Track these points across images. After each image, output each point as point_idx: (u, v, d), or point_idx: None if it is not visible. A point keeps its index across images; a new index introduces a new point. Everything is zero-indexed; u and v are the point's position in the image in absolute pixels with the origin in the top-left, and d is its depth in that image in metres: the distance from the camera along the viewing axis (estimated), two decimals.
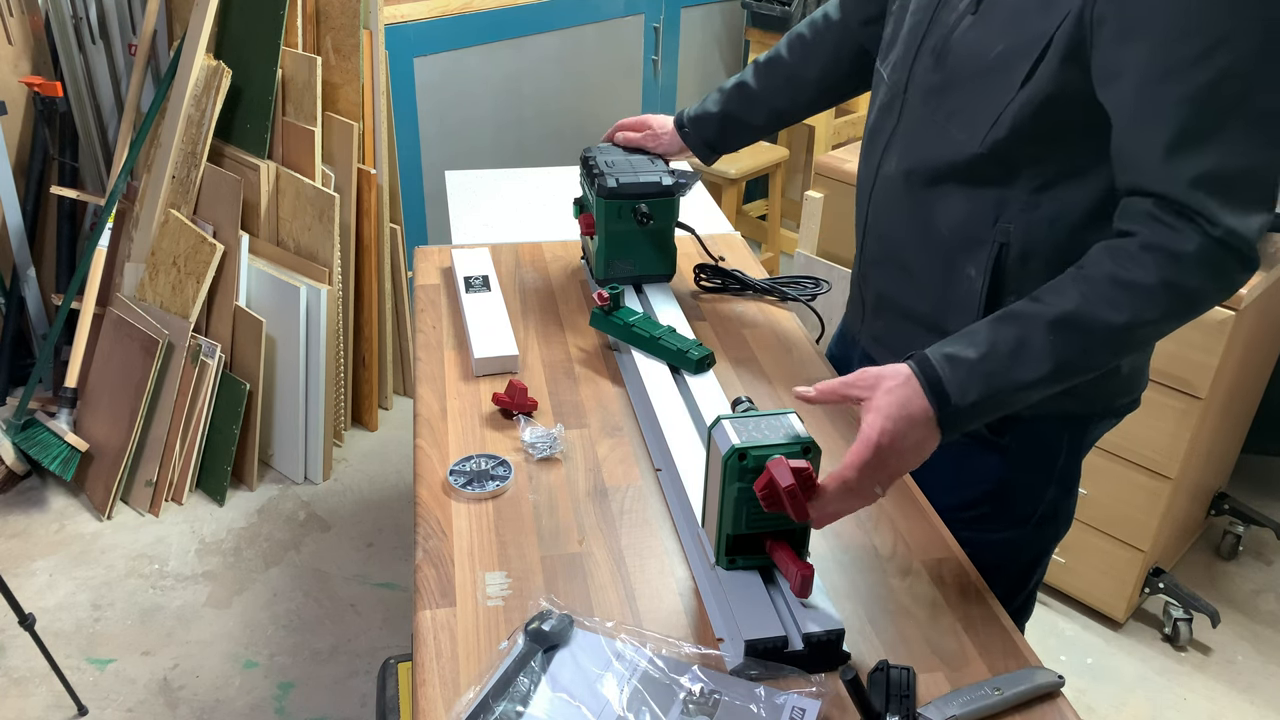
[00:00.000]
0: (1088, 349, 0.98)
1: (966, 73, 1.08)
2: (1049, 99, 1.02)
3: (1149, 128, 0.96)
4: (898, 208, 1.21)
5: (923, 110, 1.15)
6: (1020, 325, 0.99)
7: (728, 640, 0.96)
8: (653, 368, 1.34)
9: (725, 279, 1.62)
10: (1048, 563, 1.40)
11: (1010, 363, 0.97)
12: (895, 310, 1.28)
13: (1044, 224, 1.10)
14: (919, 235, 1.19)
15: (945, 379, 0.97)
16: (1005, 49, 1.04)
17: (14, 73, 2.60)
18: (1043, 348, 0.97)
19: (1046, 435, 1.23)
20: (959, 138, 1.10)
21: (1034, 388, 0.98)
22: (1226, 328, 1.87)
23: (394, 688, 1.69)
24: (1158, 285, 0.96)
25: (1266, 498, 2.66)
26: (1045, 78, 1.01)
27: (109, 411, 2.51)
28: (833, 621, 0.94)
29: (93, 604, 2.25)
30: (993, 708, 0.90)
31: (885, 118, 1.22)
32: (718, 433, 0.97)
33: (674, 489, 1.16)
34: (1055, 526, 1.33)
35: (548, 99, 3.31)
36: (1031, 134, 1.05)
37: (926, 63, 1.13)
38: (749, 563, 1.00)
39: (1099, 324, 0.97)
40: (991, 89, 1.06)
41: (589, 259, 1.62)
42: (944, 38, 1.11)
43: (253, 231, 2.58)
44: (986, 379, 0.97)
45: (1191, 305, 0.99)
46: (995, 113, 1.06)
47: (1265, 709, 2.10)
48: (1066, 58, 1.00)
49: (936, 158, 1.13)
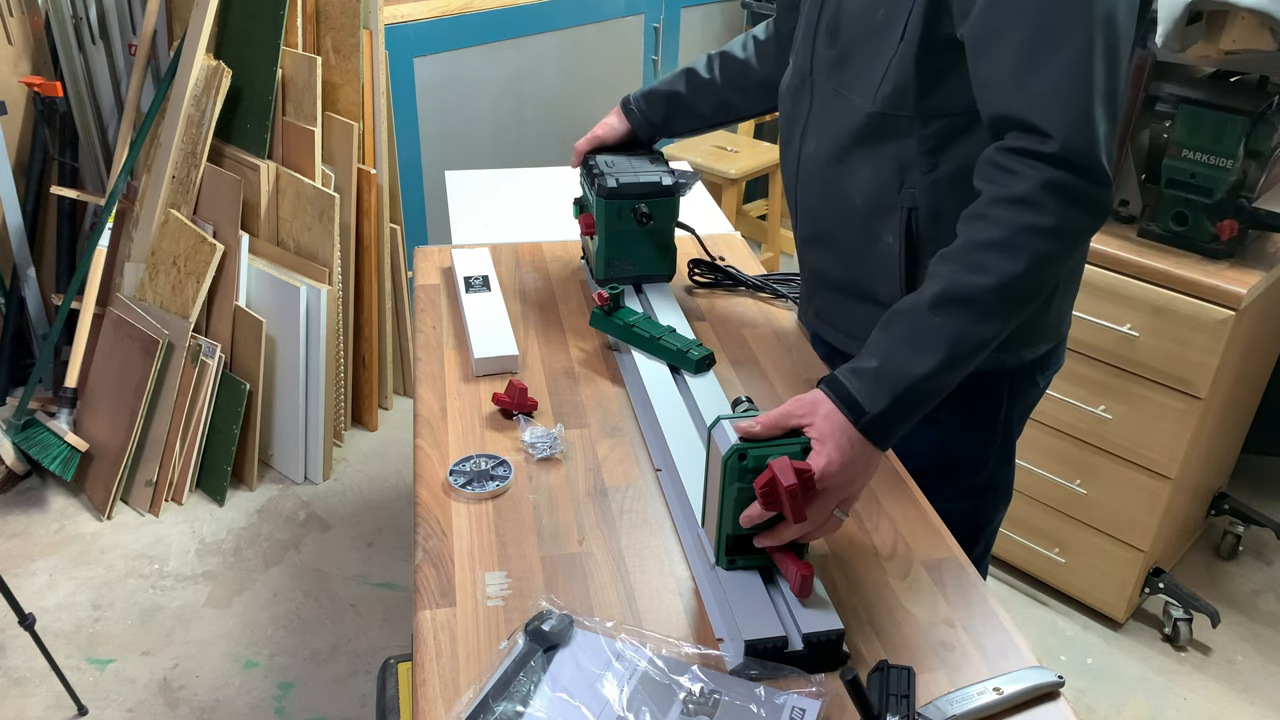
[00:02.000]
0: (973, 319, 0.99)
1: (858, 41, 1.16)
2: (924, 45, 1.09)
3: (992, 50, 1.01)
4: (818, 186, 1.27)
5: (826, 87, 1.22)
6: (906, 320, 1.01)
7: (728, 640, 0.96)
8: (653, 368, 1.34)
9: (719, 275, 1.62)
10: (992, 537, 1.46)
11: (908, 357, 0.99)
12: (829, 285, 1.34)
13: (945, 184, 1.15)
14: (838, 209, 1.25)
15: (854, 390, 0.98)
16: (885, 10, 1.12)
17: (14, 73, 2.60)
18: (931, 333, 0.99)
19: (979, 394, 1.27)
20: (856, 102, 1.17)
21: (939, 375, 0.99)
22: (1226, 328, 1.87)
23: (394, 688, 1.69)
24: (1011, 234, 0.98)
25: (1266, 498, 2.66)
26: (914, 26, 1.08)
27: (109, 411, 2.51)
28: (832, 621, 0.94)
29: (93, 604, 2.25)
30: (993, 708, 0.90)
31: (798, 102, 1.28)
32: (718, 433, 0.97)
33: (674, 489, 1.16)
34: (995, 498, 1.40)
35: (548, 99, 3.31)
36: (917, 85, 1.11)
37: (823, 40, 1.21)
38: (749, 563, 1.00)
39: (972, 291, 0.98)
40: (878, 50, 1.13)
41: (589, 259, 1.61)
42: (835, 13, 1.19)
43: (253, 231, 2.58)
44: (891, 380, 0.98)
45: (1056, 240, 0.99)
46: (882, 69, 1.13)
47: (1265, 709, 2.10)
48: (930, 5, 1.07)
49: (843, 129, 1.20)
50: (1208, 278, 1.87)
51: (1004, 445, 1.36)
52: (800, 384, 1.38)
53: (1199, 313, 1.89)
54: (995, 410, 1.32)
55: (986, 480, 1.38)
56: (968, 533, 1.37)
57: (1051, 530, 2.27)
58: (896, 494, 1.18)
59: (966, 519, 1.35)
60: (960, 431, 1.31)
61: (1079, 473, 2.17)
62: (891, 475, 1.21)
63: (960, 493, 1.33)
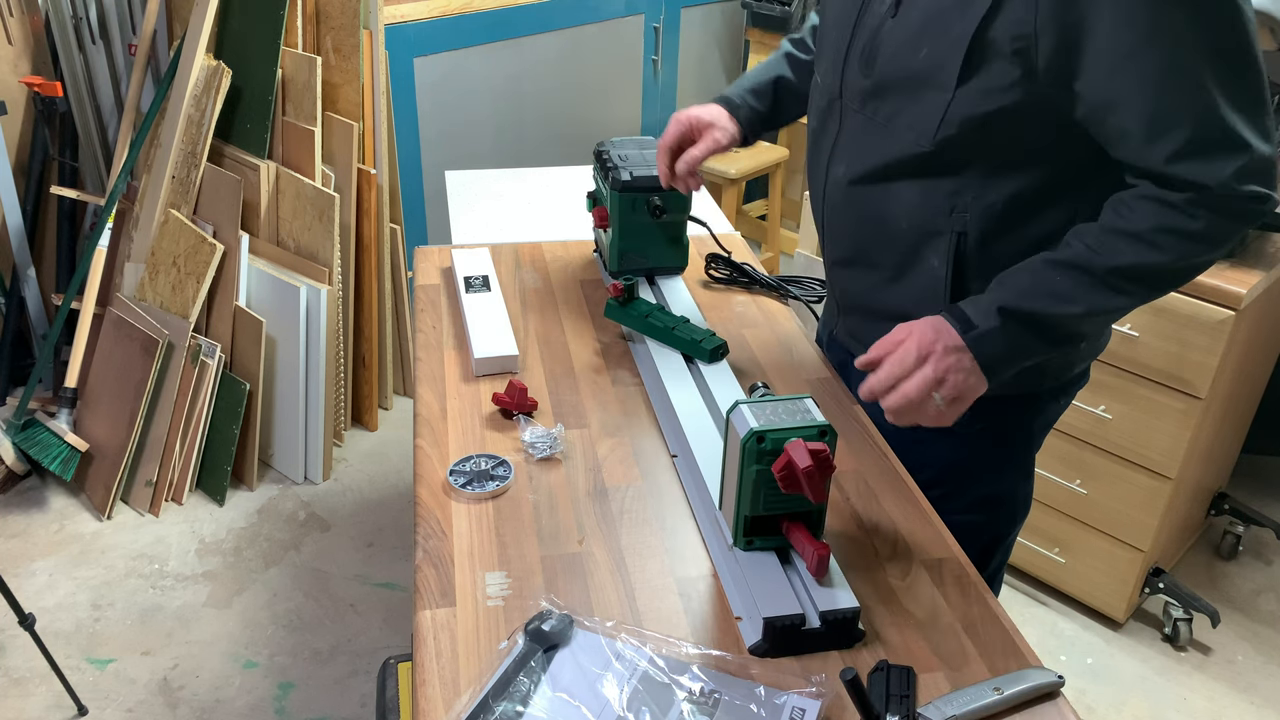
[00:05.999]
0: (1088, 286, 1.04)
1: (896, 76, 1.11)
2: (990, 92, 1.05)
3: (1119, 113, 1.00)
4: (853, 209, 1.23)
5: (861, 115, 1.17)
6: (1012, 274, 1.08)
7: (746, 619, 0.98)
8: (668, 357, 1.37)
9: (734, 271, 1.63)
10: (1009, 549, 1.44)
11: (1013, 294, 1.06)
12: (863, 307, 1.31)
13: (998, 208, 1.13)
14: (878, 232, 1.21)
15: (965, 306, 1.08)
16: (930, 51, 1.06)
17: (14, 73, 2.60)
18: (1044, 283, 1.05)
19: (1003, 415, 1.25)
20: (906, 137, 1.12)
21: (1067, 323, 1.06)
22: (1226, 328, 1.87)
23: (394, 688, 1.69)
24: (1160, 237, 1.02)
25: (1266, 498, 2.66)
26: (984, 74, 1.04)
27: (109, 411, 2.51)
28: (849, 600, 0.95)
29: (93, 604, 2.25)
30: (993, 708, 0.90)
31: (827, 122, 1.24)
32: (736, 417, 0.98)
33: (690, 474, 1.17)
34: (1013, 510, 1.37)
35: (548, 99, 3.31)
36: (981, 127, 1.07)
37: (856, 67, 1.16)
38: (766, 544, 1.02)
39: (1097, 266, 1.03)
40: (926, 90, 1.08)
41: (602, 252, 1.64)
42: (869, 41, 1.13)
43: (253, 231, 2.58)
44: (1017, 298, 1.05)
45: (1211, 249, 1.04)
46: (939, 113, 1.08)
47: (1265, 709, 2.10)
48: (1005, 56, 1.02)
49: (884, 157, 1.15)
50: (1208, 278, 1.87)
51: (1024, 459, 1.34)
52: (800, 384, 1.38)
53: (1199, 313, 1.89)
54: (1018, 425, 1.30)
55: (1005, 492, 1.35)
56: (984, 545, 1.36)
57: (1051, 530, 2.27)
58: (897, 494, 1.18)
59: (984, 531, 1.34)
60: (981, 444, 1.28)
61: (1079, 473, 2.17)
62: (892, 476, 1.21)
63: (977, 504, 1.31)
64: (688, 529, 1.11)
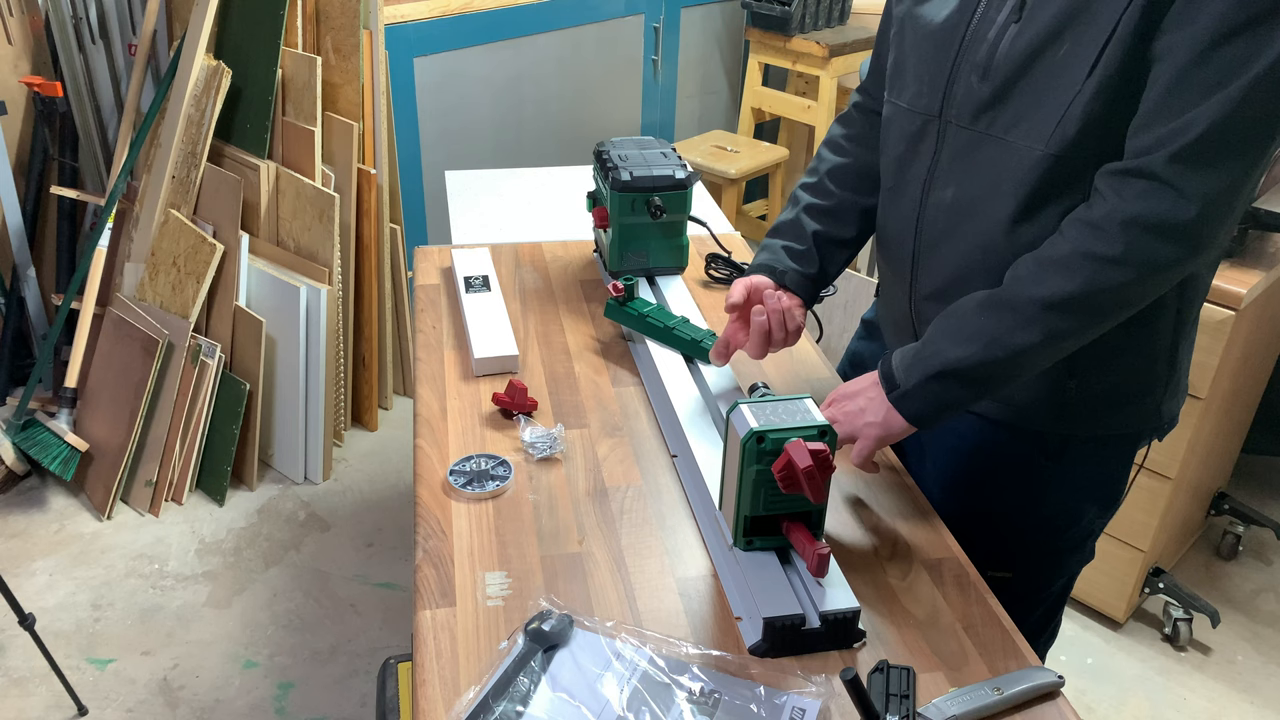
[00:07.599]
0: (1012, 326, 1.04)
1: (1022, 79, 1.05)
2: (1118, 81, 0.99)
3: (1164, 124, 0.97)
4: (961, 236, 1.14)
5: (972, 130, 1.10)
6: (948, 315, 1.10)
7: (746, 619, 0.98)
8: (667, 357, 1.37)
9: (735, 271, 1.63)
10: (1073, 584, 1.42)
11: (943, 344, 1.07)
12: None
13: None
14: (993, 262, 1.11)
15: (893, 365, 1.10)
16: (1071, 45, 1.01)
17: (14, 73, 2.60)
18: (971, 327, 1.06)
19: (1100, 457, 1.23)
20: (1022, 145, 1.06)
21: (973, 367, 1.05)
22: (1226, 328, 1.87)
23: (394, 688, 1.69)
24: (1070, 255, 1.01)
25: (1266, 498, 2.66)
26: (1113, 61, 0.99)
27: (109, 411, 2.51)
28: (849, 600, 0.95)
29: (93, 604, 2.25)
30: (993, 708, 0.90)
31: (919, 146, 1.17)
32: (736, 417, 0.98)
33: (690, 474, 1.18)
34: (1092, 548, 1.34)
35: (548, 99, 3.31)
36: (1102, 123, 1.01)
37: (969, 78, 1.09)
38: (766, 544, 1.02)
39: (1021, 300, 1.03)
40: (1053, 88, 1.03)
41: (602, 252, 1.64)
42: (989, 53, 1.07)
43: (253, 231, 2.58)
44: (923, 361, 1.07)
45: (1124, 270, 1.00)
46: (1060, 110, 1.02)
47: (1265, 709, 2.10)
48: (1136, 37, 0.97)
49: (1000, 176, 1.09)
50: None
51: (1113, 495, 1.30)
52: (800, 384, 1.38)
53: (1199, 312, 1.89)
54: (1112, 464, 1.26)
55: (1089, 528, 1.30)
56: (1068, 582, 1.36)
57: None
58: (897, 494, 1.18)
59: (1068, 567, 1.33)
60: (1078, 488, 1.24)
61: None
62: (892, 476, 1.21)
63: (1071, 542, 1.29)
64: (687, 529, 1.11)
